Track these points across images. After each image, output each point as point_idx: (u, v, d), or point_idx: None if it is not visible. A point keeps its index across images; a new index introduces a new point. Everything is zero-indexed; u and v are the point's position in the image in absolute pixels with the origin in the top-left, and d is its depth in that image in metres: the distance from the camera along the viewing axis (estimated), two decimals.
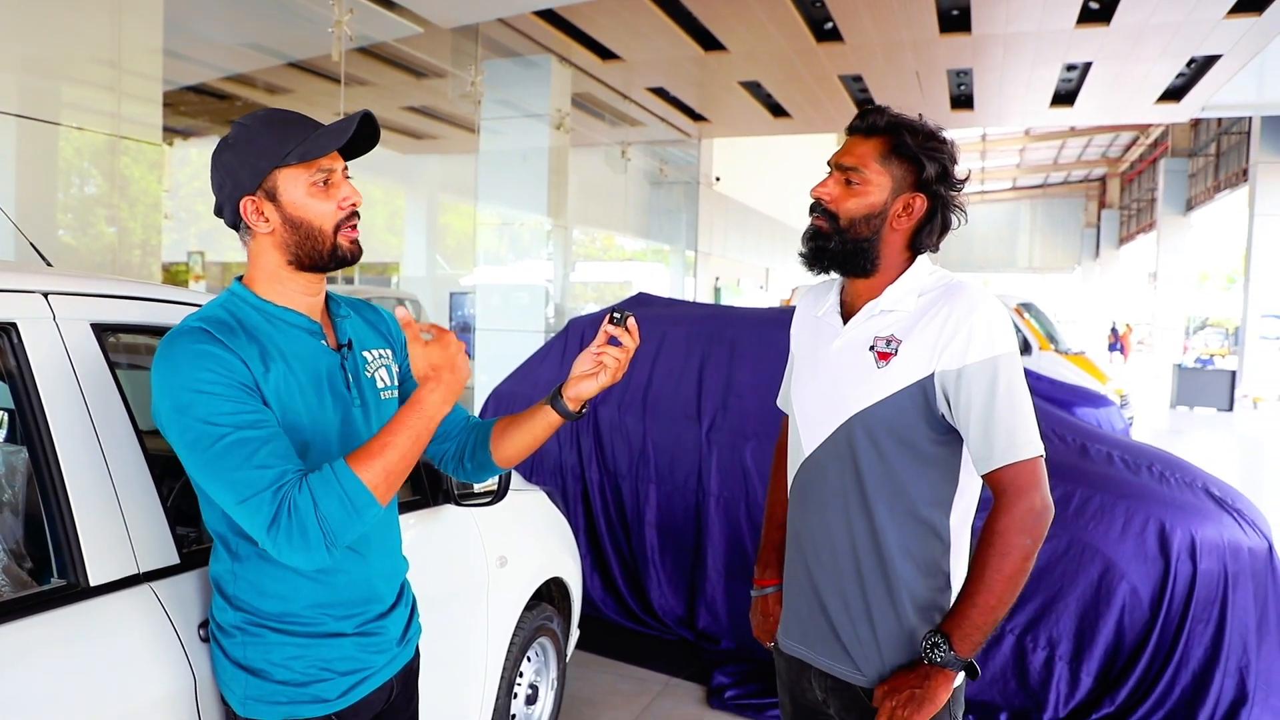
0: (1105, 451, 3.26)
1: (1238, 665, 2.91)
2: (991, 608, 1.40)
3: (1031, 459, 1.42)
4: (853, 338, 1.55)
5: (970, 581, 1.43)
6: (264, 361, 1.31)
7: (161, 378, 1.27)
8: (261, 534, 1.23)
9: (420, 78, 10.92)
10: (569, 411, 1.52)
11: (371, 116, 1.36)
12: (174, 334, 1.30)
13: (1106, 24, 9.06)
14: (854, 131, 1.55)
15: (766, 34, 9.67)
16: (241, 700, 1.38)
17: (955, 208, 1.54)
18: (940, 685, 1.43)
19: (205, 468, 1.25)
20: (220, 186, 1.37)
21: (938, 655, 1.43)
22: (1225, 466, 9.52)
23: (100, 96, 4.98)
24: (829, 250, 1.54)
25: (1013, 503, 1.41)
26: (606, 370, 1.48)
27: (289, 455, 1.27)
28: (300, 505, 1.22)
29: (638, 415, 4.18)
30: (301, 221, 1.36)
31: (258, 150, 1.34)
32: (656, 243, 17.56)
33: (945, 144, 1.52)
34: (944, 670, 1.43)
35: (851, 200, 1.51)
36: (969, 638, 1.42)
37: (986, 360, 1.41)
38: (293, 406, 1.34)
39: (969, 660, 1.44)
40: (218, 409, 1.24)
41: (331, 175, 1.37)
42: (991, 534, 1.42)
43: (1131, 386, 11.01)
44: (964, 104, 12.76)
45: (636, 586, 4.18)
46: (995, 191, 36.38)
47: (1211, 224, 26.31)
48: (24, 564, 1.55)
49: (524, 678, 2.85)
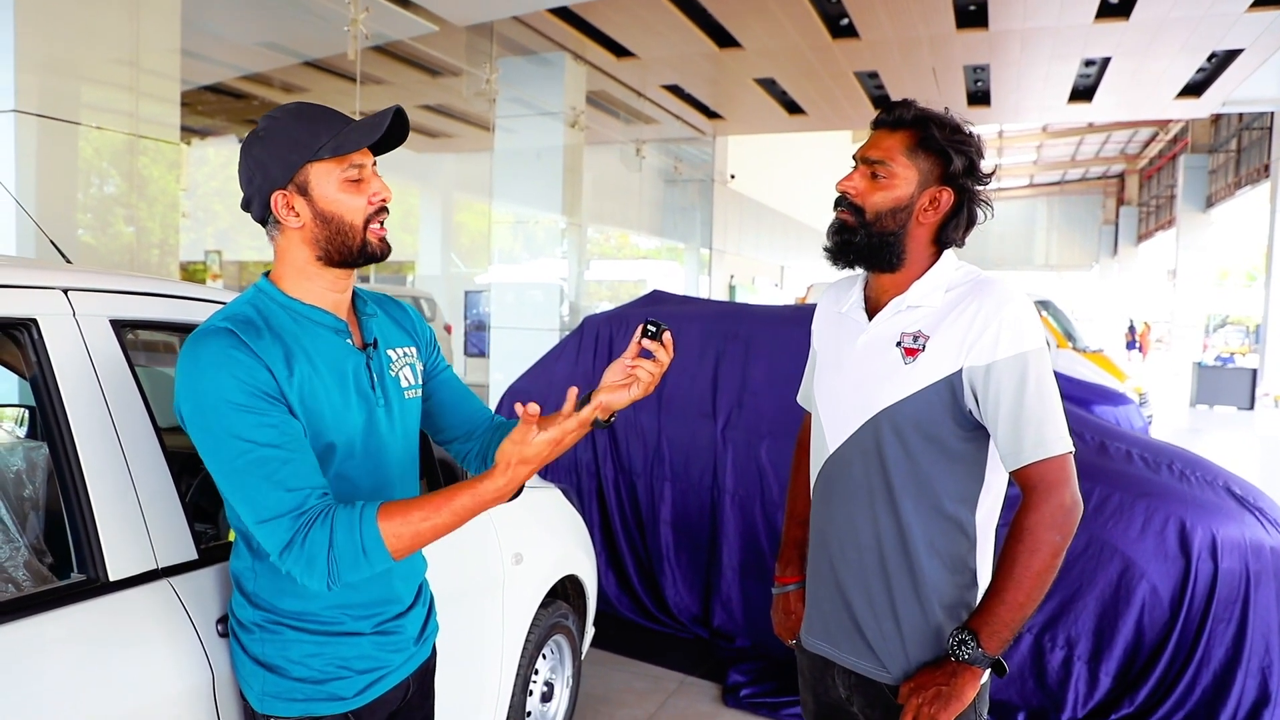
0: (1124, 449, 3.23)
1: (1260, 665, 2.87)
2: (1020, 605, 1.39)
3: (1061, 455, 1.40)
4: (879, 334, 1.53)
5: (998, 578, 1.42)
6: (288, 363, 1.31)
7: (186, 379, 1.27)
8: (274, 553, 1.26)
9: (435, 76, 10.96)
10: (598, 420, 1.50)
11: (403, 112, 1.36)
12: (200, 334, 1.30)
13: (1126, 18, 8.98)
14: (879, 125, 1.53)
15: (782, 30, 9.64)
16: (259, 696, 1.38)
17: (982, 202, 1.53)
18: (967, 682, 1.42)
19: (226, 479, 1.26)
20: (250, 180, 1.35)
21: (965, 652, 1.41)
22: (1246, 465, 9.42)
23: (119, 96, 5.02)
24: (855, 244, 1.52)
25: (1043, 499, 1.40)
26: (639, 383, 1.46)
27: (312, 473, 1.27)
28: (315, 540, 1.23)
29: (653, 413, 4.18)
30: (333, 216, 1.35)
31: (289, 143, 1.33)
32: (671, 240, 17.55)
33: (971, 137, 1.51)
34: (971, 668, 1.42)
35: (878, 194, 1.50)
36: (997, 635, 1.40)
37: (1016, 356, 1.40)
38: (316, 407, 1.33)
39: (996, 657, 1.42)
40: (242, 421, 1.24)
41: (363, 170, 1.37)
42: (1021, 530, 1.40)
43: (1151, 385, 10.91)
44: (981, 100, 12.68)
45: (651, 584, 4.18)
46: (1012, 188, 36.15)
47: (1232, 220, 26.02)
48: (44, 559, 1.56)
49: (539, 675, 2.85)
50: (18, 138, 4.53)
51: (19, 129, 4.53)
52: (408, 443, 1.50)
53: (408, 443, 1.50)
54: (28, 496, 1.62)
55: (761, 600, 3.84)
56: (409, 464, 1.51)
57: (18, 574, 1.49)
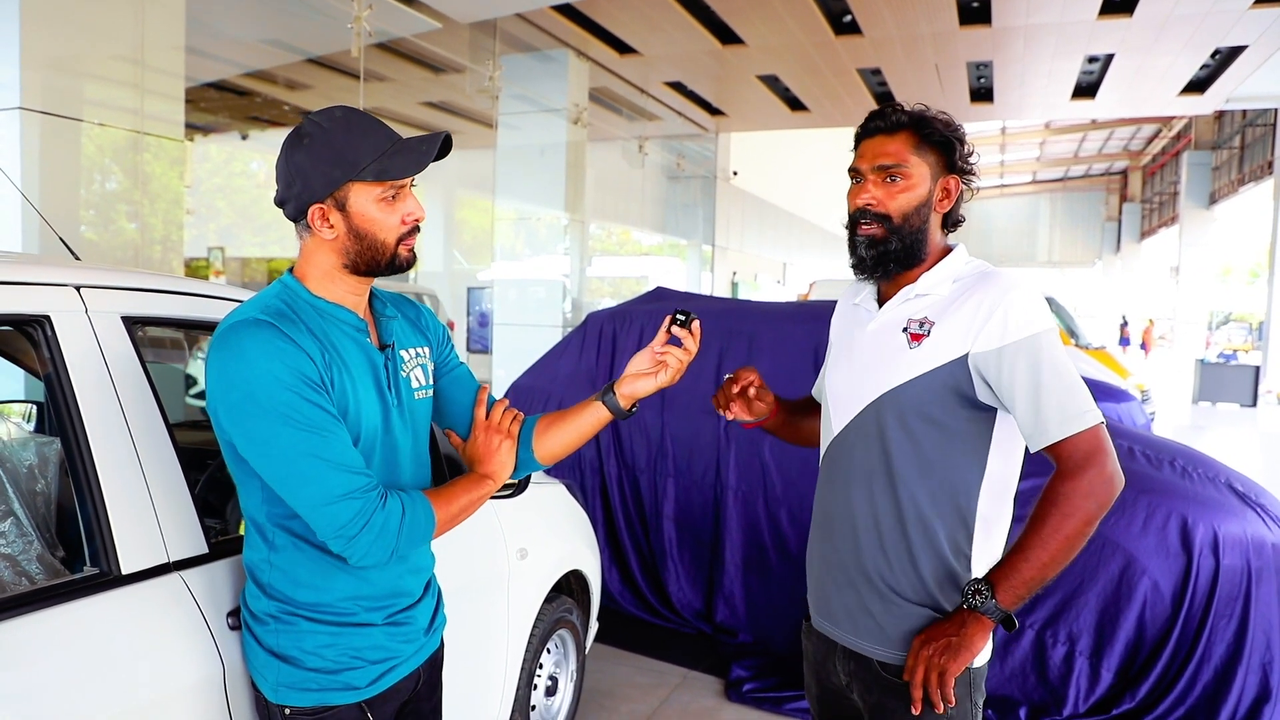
0: (1126, 446, 3.24)
1: (1261, 662, 2.88)
2: (1043, 564, 1.40)
3: (1092, 427, 1.41)
4: (887, 320, 1.57)
5: (1026, 536, 1.43)
6: (324, 356, 1.33)
7: (231, 371, 1.28)
8: (333, 533, 1.29)
9: (438, 73, 10.96)
10: (621, 409, 1.53)
11: (450, 139, 1.37)
12: (237, 325, 1.31)
13: (1129, 15, 8.97)
14: (874, 133, 1.57)
15: (784, 27, 9.63)
16: (274, 687, 1.40)
17: (971, 176, 1.59)
18: (977, 633, 1.43)
19: (282, 465, 1.28)
20: (289, 184, 1.36)
21: (979, 601, 1.43)
22: (1248, 462, 9.42)
23: (123, 93, 5.03)
24: (891, 252, 1.55)
25: (1080, 469, 1.41)
26: (667, 370, 1.50)
27: (359, 457, 1.33)
28: (391, 513, 1.33)
29: (656, 409, 4.19)
30: (366, 234, 1.37)
31: (333, 157, 1.33)
32: (673, 237, 17.56)
33: (956, 123, 1.57)
34: (982, 618, 1.43)
35: (900, 196, 1.53)
36: (1014, 590, 1.41)
37: (1027, 338, 1.42)
38: (343, 402, 1.36)
39: (1008, 612, 1.43)
40: (299, 407, 1.27)
41: (401, 190, 1.38)
42: (1056, 494, 1.41)
43: (1153, 381, 10.90)
44: (984, 97, 12.67)
45: (655, 580, 4.20)
46: (1015, 185, 36.09)
47: (1235, 217, 25.96)
48: (57, 553, 1.58)
49: (544, 669, 2.87)
50: (23, 135, 4.54)
51: (24, 126, 4.54)
52: (418, 442, 1.52)
53: (418, 442, 1.52)
54: (40, 491, 1.64)
55: (764, 596, 3.85)
56: (421, 462, 1.53)
57: (31, 567, 1.51)
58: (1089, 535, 1.41)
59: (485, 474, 1.52)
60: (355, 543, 1.29)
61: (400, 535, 1.33)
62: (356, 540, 1.29)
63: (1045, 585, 1.43)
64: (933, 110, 1.56)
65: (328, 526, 1.28)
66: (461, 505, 1.45)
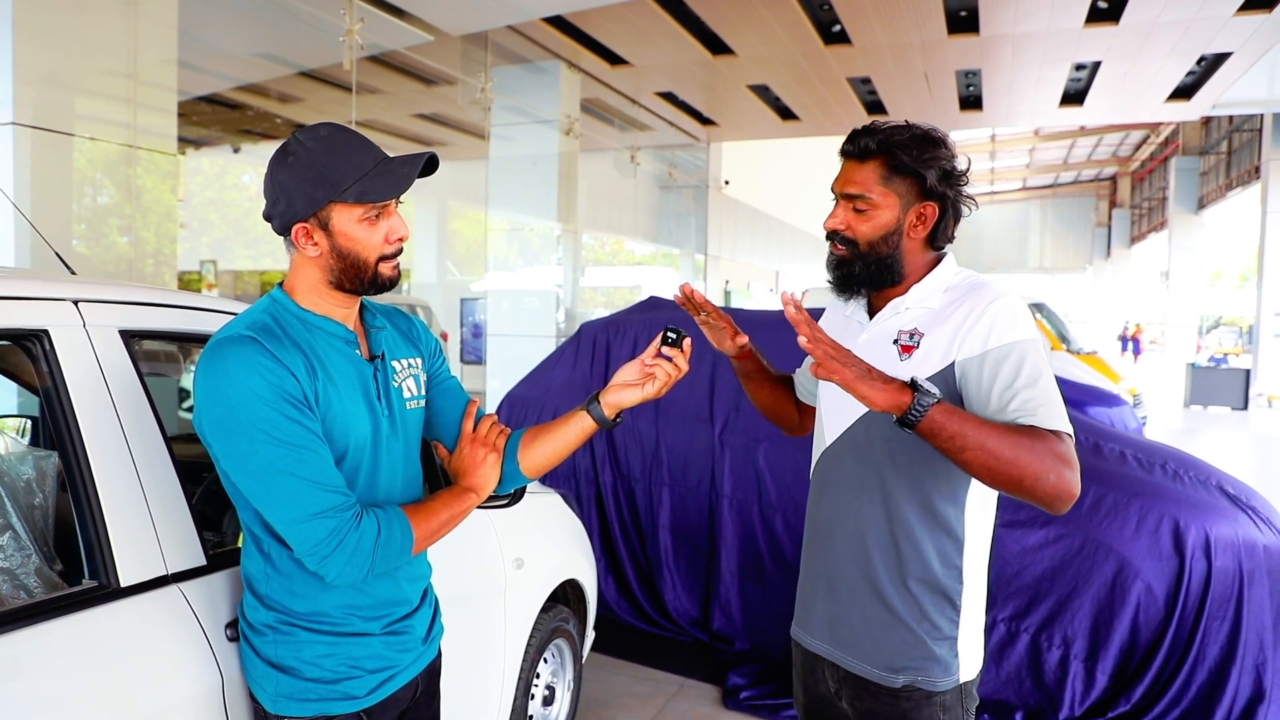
0: (1118, 450, 3.26)
1: (1254, 663, 2.90)
2: (979, 442, 1.31)
3: (1058, 432, 1.35)
4: (877, 332, 1.57)
5: (995, 425, 1.34)
6: (309, 371, 1.34)
7: (214, 386, 1.29)
8: (308, 549, 1.30)
9: (430, 85, 10.98)
10: (606, 419, 1.53)
11: (435, 158, 1.38)
12: (222, 341, 1.32)
13: (1115, 23, 9.05)
14: (848, 155, 1.56)
15: (774, 37, 9.69)
16: (273, 698, 1.40)
17: (965, 199, 1.56)
18: (883, 390, 1.31)
19: (260, 480, 1.29)
20: (274, 201, 1.38)
21: (922, 391, 1.31)
22: (1240, 465, 9.46)
23: (115, 107, 5.04)
24: (855, 274, 1.56)
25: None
26: (655, 382, 1.50)
27: (338, 473, 1.34)
28: (366, 531, 1.33)
29: (650, 418, 4.20)
30: (349, 253, 1.38)
31: (316, 178, 1.34)
32: (666, 247, 17.61)
33: (940, 145, 1.51)
34: (902, 389, 1.31)
35: (865, 225, 1.53)
36: (946, 424, 1.31)
37: (1010, 344, 1.41)
38: (330, 415, 1.37)
39: (915, 417, 1.31)
40: (277, 423, 1.28)
41: (385, 209, 1.39)
42: (1040, 437, 1.34)
43: (1144, 386, 10.95)
44: (973, 105, 12.75)
45: (651, 589, 4.20)
46: (1005, 192, 36.25)
47: (1224, 222, 26.14)
48: (55, 566, 1.58)
49: (541, 679, 2.87)
50: (15, 150, 4.55)
51: (16, 141, 4.55)
52: (409, 452, 1.53)
53: (409, 452, 1.53)
54: (39, 504, 1.64)
55: (761, 603, 3.86)
56: (413, 473, 1.54)
57: (30, 581, 1.51)
58: (1023, 478, 1.31)
59: (468, 487, 1.52)
60: (329, 561, 1.30)
61: (375, 554, 1.33)
62: (330, 559, 1.30)
63: (951, 448, 1.32)
64: (916, 130, 1.52)
65: (302, 544, 1.30)
66: (443, 520, 1.45)
